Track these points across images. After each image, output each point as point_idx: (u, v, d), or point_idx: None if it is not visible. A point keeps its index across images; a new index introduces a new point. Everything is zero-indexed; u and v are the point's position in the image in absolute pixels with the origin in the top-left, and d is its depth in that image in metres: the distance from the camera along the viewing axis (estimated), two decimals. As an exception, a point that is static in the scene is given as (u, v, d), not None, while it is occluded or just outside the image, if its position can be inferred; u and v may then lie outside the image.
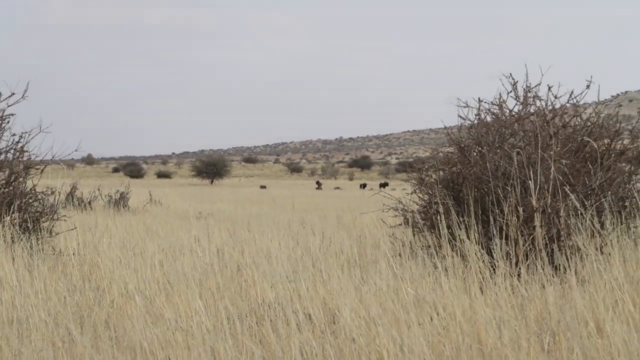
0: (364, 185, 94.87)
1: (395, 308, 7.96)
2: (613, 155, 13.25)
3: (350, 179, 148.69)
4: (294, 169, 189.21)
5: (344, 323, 7.65)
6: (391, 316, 7.63)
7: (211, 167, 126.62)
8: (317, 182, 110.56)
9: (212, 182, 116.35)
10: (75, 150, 16.54)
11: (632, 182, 13.61)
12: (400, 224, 13.97)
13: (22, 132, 14.53)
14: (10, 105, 14.30)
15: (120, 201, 31.50)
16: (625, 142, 14.12)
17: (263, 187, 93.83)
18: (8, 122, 14.31)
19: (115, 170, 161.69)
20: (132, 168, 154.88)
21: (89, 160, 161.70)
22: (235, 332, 7.65)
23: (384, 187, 68.46)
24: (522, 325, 7.49)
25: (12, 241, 12.62)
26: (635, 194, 13.08)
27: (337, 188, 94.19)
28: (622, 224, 11.47)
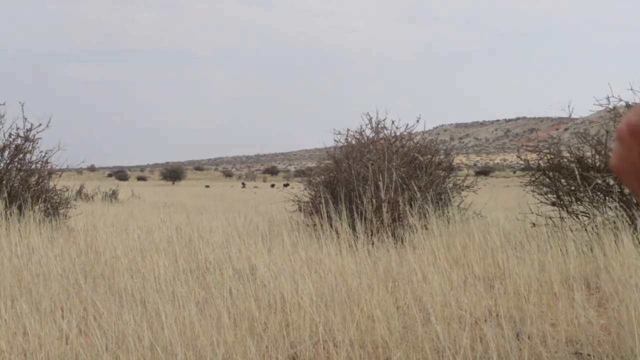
0: (272, 185, 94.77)
1: (293, 264, 7.99)
2: (433, 165, 13.45)
3: (264, 181, 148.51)
4: (227, 174, 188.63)
5: (260, 274, 7.66)
6: (290, 269, 7.65)
7: (173, 173, 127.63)
8: (243, 183, 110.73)
9: (173, 183, 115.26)
10: (82, 162, 17.16)
11: (445, 183, 13.84)
12: (295, 210, 14.04)
13: (47, 150, 14.52)
14: (38, 132, 14.25)
15: (112, 196, 31.59)
16: (441, 157, 14.35)
17: (207, 186, 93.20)
18: (37, 143, 14.27)
19: (110, 175, 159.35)
20: (120, 174, 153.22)
21: (91, 169, 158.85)
22: (188, 281, 7.63)
23: (286, 186, 68.37)
24: (374, 275, 7.54)
25: (40, 222, 12.56)
26: (448, 191, 13.29)
27: (256, 187, 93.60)
28: (439, 210, 11.63)
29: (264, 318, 6.11)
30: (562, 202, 10.99)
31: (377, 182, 11.57)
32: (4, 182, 13.58)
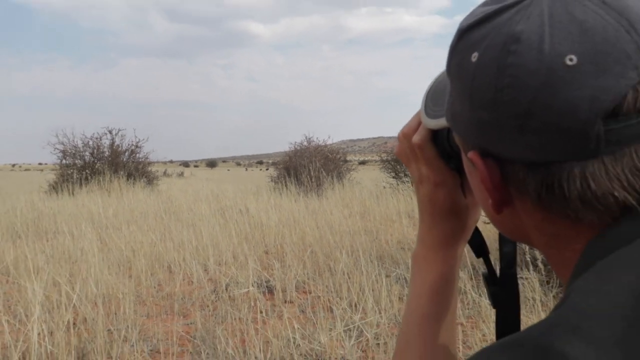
0: (260, 169, 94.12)
1: (267, 207, 7.94)
2: (337, 159, 13.41)
3: (256, 167, 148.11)
4: (238, 164, 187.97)
5: (250, 211, 7.61)
6: (266, 209, 7.62)
7: (211, 163, 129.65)
8: (245, 168, 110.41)
9: (211, 169, 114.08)
10: (165, 157, 17.60)
11: (342, 168, 13.77)
12: (270, 181, 13.84)
13: (147, 152, 14.28)
14: (143, 143, 14.02)
15: (180, 174, 31.22)
16: (341, 155, 14.26)
17: (228, 170, 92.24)
18: (142, 148, 13.99)
19: (180, 164, 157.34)
20: (185, 163, 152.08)
21: (170, 161, 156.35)
22: (216, 215, 7.54)
23: (267, 170, 68.30)
24: (306, 212, 7.53)
25: (143, 188, 12.34)
26: (343, 171, 13.26)
27: (252, 170, 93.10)
28: (339, 181, 11.64)
29: (252, 233, 6.08)
30: (397, 176, 11.13)
31: (309, 167, 11.56)
32: (125, 167, 13.29)
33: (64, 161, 13.21)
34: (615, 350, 0.31)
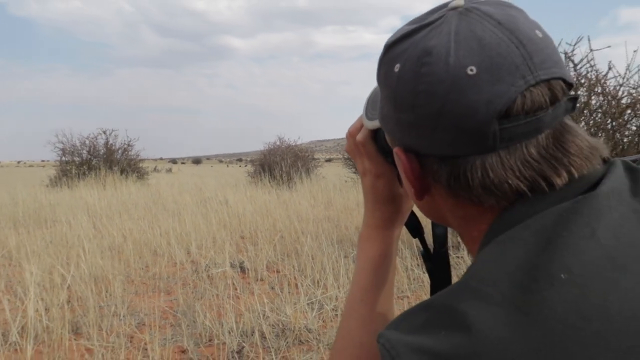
0: (240, 166, 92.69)
1: (243, 198, 7.86)
2: (307, 158, 13.33)
3: (236, 164, 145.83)
4: (220, 161, 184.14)
5: (229, 202, 7.51)
6: (242, 200, 7.53)
7: (197, 160, 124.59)
8: (227, 165, 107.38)
9: (197, 165, 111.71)
10: (155, 155, 16.86)
11: (311, 164, 13.69)
12: (247, 176, 13.69)
13: (138, 150, 13.75)
14: (134, 142, 13.55)
15: (169, 170, 30.52)
16: (309, 153, 14.18)
17: (212, 166, 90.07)
18: (133, 147, 13.51)
19: (169, 161, 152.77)
20: (173, 160, 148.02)
21: (160, 158, 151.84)
22: (198, 205, 7.41)
23: (246, 166, 67.17)
24: (278, 202, 7.47)
25: (135, 181, 11.98)
26: (311, 167, 13.23)
27: (232, 166, 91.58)
28: (307, 176, 11.60)
29: (230, 221, 6.00)
30: (357, 172, 11.13)
31: (281, 164, 11.50)
32: (119, 163, 12.89)
33: (63, 158, 12.76)
34: (505, 308, 0.34)
